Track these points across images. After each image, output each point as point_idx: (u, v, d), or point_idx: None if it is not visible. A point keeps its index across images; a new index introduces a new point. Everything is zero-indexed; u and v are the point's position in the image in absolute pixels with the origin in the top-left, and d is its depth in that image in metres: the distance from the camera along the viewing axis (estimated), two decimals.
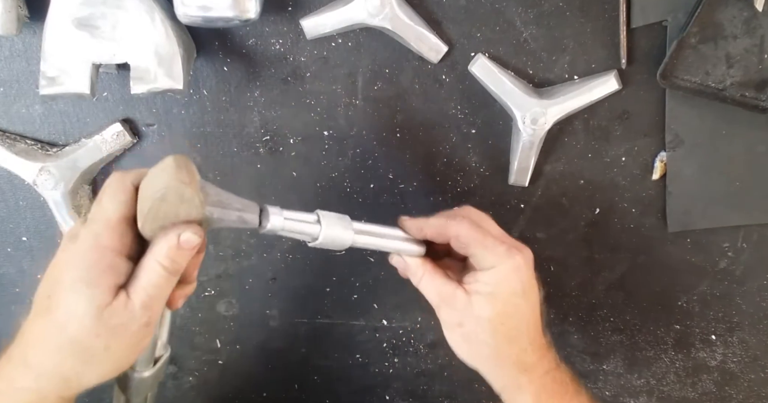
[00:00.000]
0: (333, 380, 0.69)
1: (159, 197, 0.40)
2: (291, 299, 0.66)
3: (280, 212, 0.45)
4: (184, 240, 0.40)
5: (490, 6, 0.55)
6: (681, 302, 0.66)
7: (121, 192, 0.41)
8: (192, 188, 0.40)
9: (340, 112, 0.59)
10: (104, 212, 0.40)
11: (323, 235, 0.46)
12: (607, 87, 0.56)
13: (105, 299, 0.39)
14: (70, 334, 0.39)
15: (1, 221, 0.61)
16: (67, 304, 0.39)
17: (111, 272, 0.40)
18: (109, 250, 0.40)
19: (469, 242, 0.48)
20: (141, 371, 0.50)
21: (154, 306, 0.41)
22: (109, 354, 0.40)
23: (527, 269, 0.48)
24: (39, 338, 0.40)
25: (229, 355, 0.68)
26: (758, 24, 0.51)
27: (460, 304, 0.48)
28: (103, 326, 0.39)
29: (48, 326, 0.40)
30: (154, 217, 0.40)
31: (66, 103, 0.58)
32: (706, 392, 0.70)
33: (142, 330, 0.41)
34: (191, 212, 0.41)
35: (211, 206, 0.42)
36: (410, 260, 0.50)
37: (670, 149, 0.59)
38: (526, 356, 0.48)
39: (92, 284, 0.39)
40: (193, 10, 0.48)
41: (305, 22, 0.54)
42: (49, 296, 0.40)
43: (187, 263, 0.42)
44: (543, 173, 0.61)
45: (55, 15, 0.49)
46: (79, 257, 0.40)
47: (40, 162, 0.57)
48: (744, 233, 0.63)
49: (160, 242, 0.40)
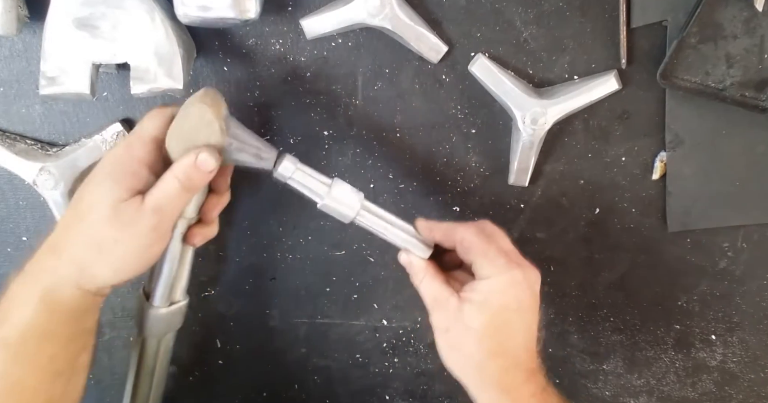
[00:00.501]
0: (333, 380, 0.69)
1: (182, 116, 0.45)
2: (291, 299, 0.66)
3: (297, 162, 0.48)
4: (200, 160, 0.45)
5: (490, 6, 0.55)
6: (681, 302, 0.66)
7: (159, 117, 0.47)
8: (212, 112, 0.44)
9: (340, 112, 0.59)
10: (141, 129, 0.47)
11: (330, 196, 0.48)
12: (607, 87, 0.56)
13: (122, 195, 0.44)
14: (87, 220, 0.44)
15: (1, 221, 0.61)
16: (90, 195, 0.45)
17: (133, 176, 0.45)
18: (136, 159, 0.45)
19: (472, 248, 0.48)
20: (158, 306, 0.52)
21: (164, 213, 0.45)
22: (118, 248, 0.44)
23: (526, 287, 0.48)
24: (65, 225, 0.46)
25: (229, 355, 0.68)
26: (758, 24, 0.51)
27: (451, 309, 0.48)
28: (115, 217, 0.44)
29: (73, 215, 0.45)
30: (178, 136, 0.45)
31: (66, 103, 0.58)
32: (706, 392, 0.70)
33: (149, 234, 0.45)
34: (211, 136, 0.45)
35: (230, 137, 0.46)
36: (415, 260, 0.51)
37: (670, 149, 0.59)
38: (509, 375, 0.47)
39: (114, 181, 0.44)
40: (193, 10, 0.48)
41: (305, 22, 0.54)
42: (80, 192, 0.46)
43: (201, 183, 0.46)
44: (543, 173, 0.61)
45: (55, 15, 0.49)
46: (109, 159, 0.46)
47: (40, 162, 0.57)
48: (744, 233, 0.63)
49: (180, 159, 0.45)
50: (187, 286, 0.55)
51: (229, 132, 0.46)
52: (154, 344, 0.55)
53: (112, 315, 0.65)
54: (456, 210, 0.62)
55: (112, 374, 0.67)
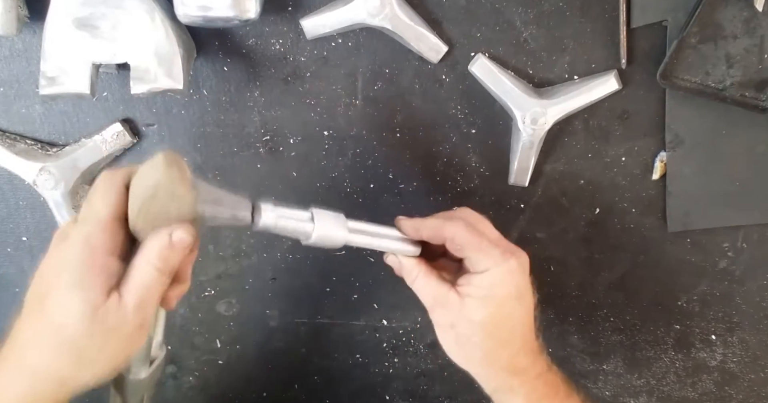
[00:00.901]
0: (333, 380, 0.69)
1: (150, 195, 0.39)
2: (291, 299, 0.66)
3: (274, 209, 0.44)
4: (176, 240, 0.40)
5: (490, 6, 0.55)
6: (681, 302, 0.66)
7: (111, 191, 0.41)
8: (183, 186, 0.39)
9: (340, 112, 0.59)
10: (95, 211, 0.40)
11: (316, 234, 0.45)
12: (607, 87, 0.56)
13: (98, 300, 0.39)
14: (65, 335, 0.39)
15: (1, 221, 0.61)
16: (61, 305, 0.39)
17: (103, 273, 0.39)
18: (100, 251, 0.39)
19: (464, 245, 0.48)
20: (137, 372, 0.49)
21: (147, 307, 0.41)
22: (103, 355, 0.40)
23: (522, 273, 0.48)
24: (33, 339, 0.40)
25: (229, 355, 0.68)
26: (758, 24, 0.51)
27: (453, 306, 0.48)
28: (97, 327, 0.39)
29: (42, 328, 0.40)
30: (145, 216, 0.40)
31: (66, 103, 0.58)
32: (706, 392, 0.70)
33: (136, 332, 0.41)
34: (183, 210, 0.40)
35: (203, 204, 0.41)
36: (405, 260, 0.50)
37: (670, 149, 0.59)
38: (518, 359, 0.48)
39: (85, 286, 0.39)
40: (193, 10, 0.48)
41: (305, 22, 0.54)
42: (41, 298, 0.40)
43: (179, 261, 0.42)
44: (543, 173, 0.61)
45: (55, 15, 0.49)
46: (70, 258, 0.39)
47: (40, 162, 0.57)
48: (744, 233, 0.63)
49: (151, 241, 0.40)
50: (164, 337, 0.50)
51: (200, 199, 0.41)
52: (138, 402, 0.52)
53: None
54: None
55: None
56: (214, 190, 0.43)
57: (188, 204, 0.40)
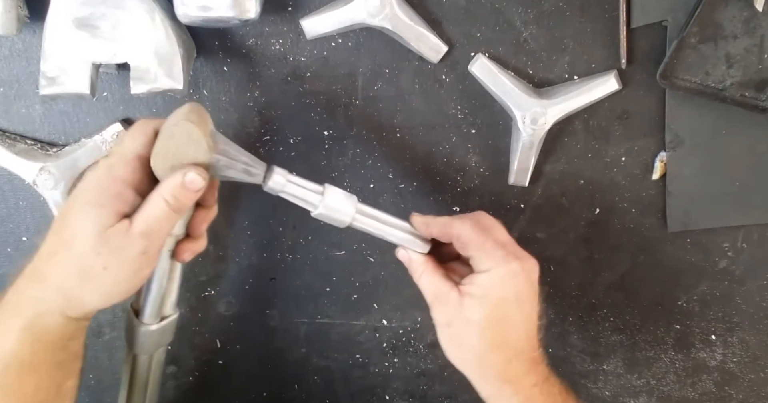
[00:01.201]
0: (333, 380, 0.69)
1: (168, 135, 0.44)
2: (291, 299, 0.66)
3: (286, 174, 0.47)
4: (188, 180, 0.43)
5: (490, 6, 0.55)
6: (681, 302, 0.66)
7: (141, 133, 0.45)
8: (199, 129, 0.43)
9: (340, 112, 0.59)
10: (123, 147, 0.45)
11: (323, 204, 0.48)
12: (607, 87, 0.56)
13: (108, 220, 0.42)
14: (74, 250, 0.42)
15: (1, 221, 0.61)
16: (75, 222, 0.43)
17: (118, 199, 0.43)
18: (120, 180, 0.43)
19: (469, 243, 0.48)
20: (148, 323, 0.51)
21: (153, 237, 0.44)
22: (107, 275, 0.43)
23: (525, 279, 0.48)
24: (48, 253, 0.44)
25: (229, 355, 0.68)
26: (758, 24, 0.51)
27: (452, 304, 0.48)
28: (103, 245, 0.42)
29: (57, 243, 0.43)
30: (164, 155, 0.44)
31: (66, 103, 0.58)
32: (706, 392, 0.70)
33: (139, 258, 0.44)
34: (198, 154, 0.44)
35: (218, 154, 0.44)
36: (414, 255, 0.51)
37: (670, 149, 0.59)
38: (511, 366, 0.48)
39: (98, 206, 0.42)
40: (193, 10, 0.48)
41: (305, 22, 0.54)
42: (62, 217, 0.44)
43: (190, 203, 0.45)
44: (543, 173, 0.61)
45: (55, 15, 0.49)
46: (91, 183, 0.44)
47: (40, 162, 0.57)
48: (744, 233, 0.63)
49: (166, 179, 0.44)
50: (177, 300, 0.54)
51: (217, 149, 0.45)
52: (146, 360, 0.54)
53: (112, 315, 0.65)
54: (456, 210, 0.62)
55: (112, 373, 0.67)
56: (232, 145, 0.46)
57: (203, 149, 0.44)
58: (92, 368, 0.67)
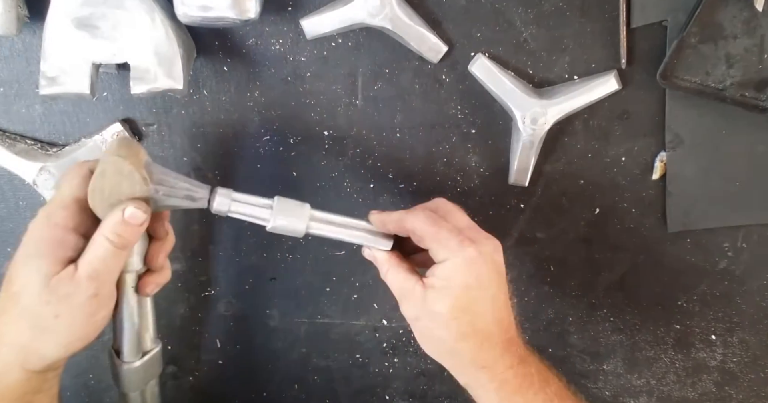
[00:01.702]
0: (333, 380, 0.69)
1: (100, 172, 0.43)
2: (291, 299, 0.66)
3: (231, 193, 0.47)
4: (128, 215, 0.43)
5: (490, 6, 0.55)
6: (681, 302, 0.66)
7: (76, 176, 0.45)
8: (130, 163, 0.43)
9: (340, 112, 0.59)
10: (59, 193, 0.44)
11: (274, 218, 0.48)
12: (607, 87, 0.56)
13: (52, 269, 0.42)
14: (22, 303, 0.42)
15: (1, 221, 0.61)
16: (20, 276, 0.42)
17: (60, 246, 0.43)
18: (59, 226, 0.43)
19: (423, 236, 0.48)
20: (130, 361, 0.51)
21: (101, 278, 0.43)
22: (60, 323, 0.42)
23: (484, 262, 0.46)
24: (0, 311, 0.43)
25: (229, 355, 0.68)
26: (758, 24, 0.51)
27: (417, 298, 0.47)
28: (51, 294, 0.42)
29: (6, 299, 0.43)
30: (100, 193, 0.43)
31: (66, 103, 0.58)
32: (706, 392, 0.70)
33: (90, 301, 0.43)
34: (134, 188, 0.43)
35: (155, 184, 0.44)
36: (377, 254, 0.51)
37: (670, 149, 0.59)
38: (483, 352, 0.47)
39: (41, 256, 0.42)
40: (193, 10, 0.48)
41: (305, 22, 0.54)
42: (8, 273, 0.43)
43: (135, 238, 0.45)
44: (543, 173, 0.61)
45: (55, 15, 0.49)
46: (32, 233, 0.43)
47: (40, 162, 0.57)
48: (744, 233, 0.63)
49: (106, 217, 0.43)
50: (156, 333, 0.53)
51: (153, 179, 0.44)
52: (138, 397, 0.54)
53: None
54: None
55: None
56: (170, 173, 0.46)
57: (138, 182, 0.43)
58: (92, 368, 0.67)
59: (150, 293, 0.50)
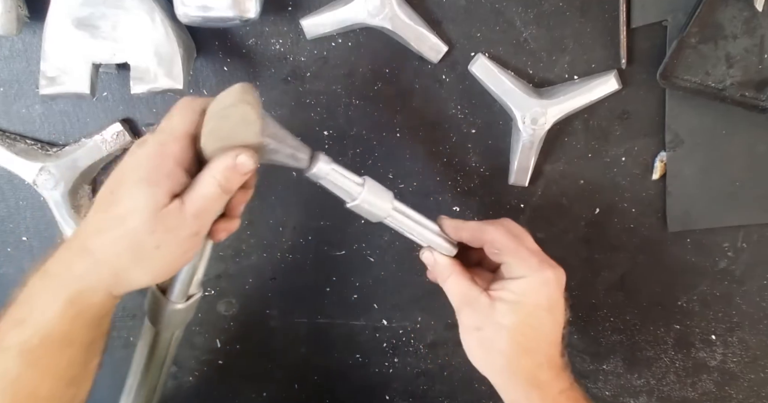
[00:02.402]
0: (333, 380, 0.69)
1: (223, 115, 0.43)
2: (291, 298, 0.66)
3: (330, 161, 0.47)
4: (239, 162, 0.42)
5: (490, 6, 0.55)
6: (681, 302, 0.66)
7: (189, 111, 0.44)
8: (254, 111, 0.42)
9: (340, 112, 0.59)
10: (172, 125, 0.44)
11: (362, 197, 0.47)
12: (607, 87, 0.56)
13: (163, 199, 0.42)
14: (128, 227, 0.41)
15: (1, 221, 0.61)
16: (129, 198, 0.42)
17: (171, 178, 0.42)
18: (171, 158, 0.42)
19: (503, 249, 0.48)
20: (175, 302, 0.51)
21: (204, 217, 0.44)
22: (158, 254, 0.42)
23: (556, 287, 0.48)
24: (99, 229, 0.43)
25: (229, 355, 0.68)
26: (758, 24, 0.51)
27: (482, 308, 0.48)
28: (158, 224, 0.41)
29: (108, 219, 0.42)
30: (216, 135, 0.43)
31: (66, 103, 0.58)
32: (706, 392, 0.70)
33: (190, 238, 0.43)
34: (249, 136, 0.43)
35: (268, 137, 0.44)
36: (440, 258, 0.51)
37: (670, 149, 0.59)
38: (541, 372, 0.48)
39: (153, 184, 0.42)
40: (193, 10, 0.48)
41: (305, 22, 0.54)
42: (112, 192, 0.43)
43: (238, 185, 0.44)
44: (543, 173, 0.61)
45: (55, 15, 0.49)
46: (144, 160, 0.43)
47: (40, 162, 0.57)
48: (744, 233, 0.63)
49: (218, 159, 0.43)
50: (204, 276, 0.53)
51: (267, 132, 0.44)
52: (168, 338, 0.54)
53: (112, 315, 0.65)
54: (456, 210, 0.62)
55: (112, 373, 0.67)
56: (280, 128, 0.45)
57: (255, 131, 0.43)
58: None
59: (220, 239, 0.50)
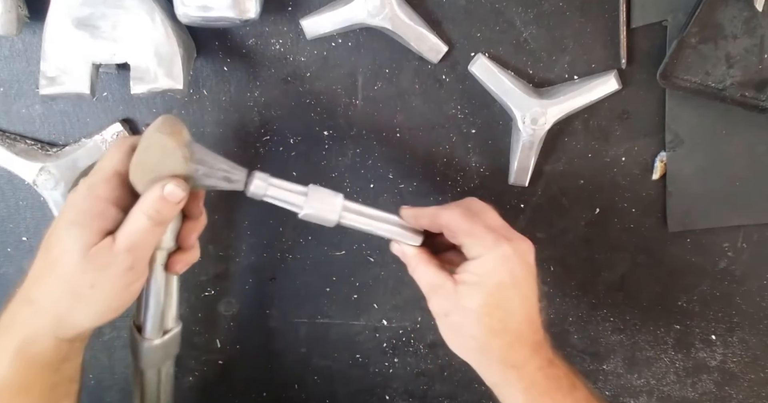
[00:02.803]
0: (333, 380, 0.69)
1: (144, 147, 0.44)
2: (291, 299, 0.66)
3: (267, 178, 0.47)
4: (167, 192, 0.43)
5: (490, 6, 0.55)
6: (681, 302, 0.66)
7: (118, 150, 0.45)
8: (174, 140, 0.43)
9: (340, 112, 0.59)
10: (101, 166, 0.45)
11: (308, 205, 0.48)
12: (607, 87, 0.56)
13: (92, 239, 0.43)
14: (61, 270, 0.43)
15: (1, 221, 0.61)
16: (59, 243, 0.43)
17: (100, 218, 0.43)
18: (101, 198, 0.44)
19: (458, 231, 0.47)
20: (150, 338, 0.51)
21: (138, 251, 0.44)
22: (96, 293, 0.43)
23: (519, 260, 0.47)
24: (37, 276, 0.44)
25: (229, 355, 0.68)
26: (758, 24, 0.51)
27: (447, 293, 0.47)
28: (89, 263, 0.42)
29: (43, 266, 0.44)
30: (142, 168, 0.44)
31: (66, 103, 0.58)
32: (706, 392, 0.70)
33: (126, 274, 0.44)
34: (176, 165, 0.43)
35: (195, 163, 0.44)
36: (407, 249, 0.51)
37: (670, 149, 0.59)
38: (513, 351, 0.47)
39: (81, 226, 0.43)
40: (193, 10, 0.48)
41: (305, 22, 0.54)
42: (47, 239, 0.44)
43: (172, 215, 0.45)
44: (543, 173, 0.61)
45: (55, 15, 0.49)
46: (74, 203, 0.44)
47: (40, 162, 0.57)
48: (744, 233, 0.63)
49: (146, 193, 0.44)
50: (178, 312, 0.53)
51: (194, 158, 0.44)
52: (154, 374, 0.54)
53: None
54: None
55: (112, 374, 0.67)
56: (210, 153, 0.46)
57: (179, 159, 0.43)
58: (92, 368, 0.67)
59: (179, 272, 0.51)
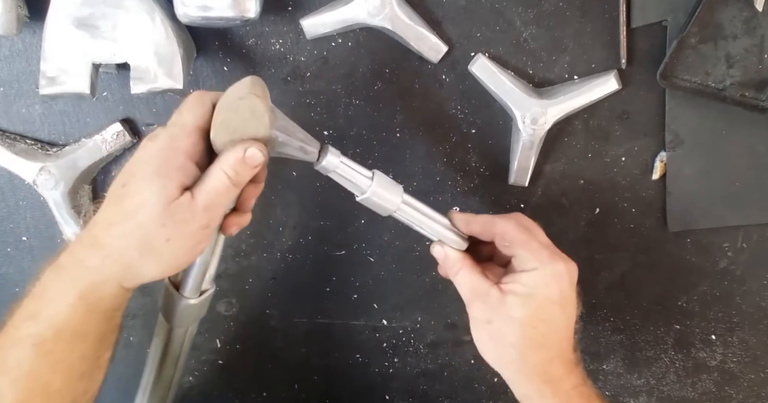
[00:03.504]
0: (333, 380, 0.69)
1: (233, 108, 0.43)
2: (291, 298, 0.66)
3: (339, 154, 0.47)
4: (249, 155, 0.43)
5: (490, 6, 0.55)
6: (681, 302, 0.66)
7: (199, 105, 0.44)
8: (263, 104, 0.43)
9: (340, 112, 0.59)
10: (183, 119, 0.44)
11: (372, 190, 0.48)
12: (607, 87, 0.56)
13: (174, 193, 0.42)
14: (138, 220, 0.42)
15: (1, 221, 0.61)
16: (140, 192, 0.42)
17: (181, 172, 0.43)
18: (182, 152, 0.43)
19: (514, 241, 0.48)
20: (188, 297, 0.51)
21: (214, 210, 0.44)
22: (168, 248, 0.43)
23: (568, 281, 0.48)
24: (110, 222, 0.43)
25: (229, 355, 0.68)
26: (758, 24, 0.51)
27: (492, 301, 0.48)
28: (168, 217, 0.42)
29: (119, 212, 0.43)
30: (226, 128, 0.43)
31: (66, 103, 0.58)
32: (706, 392, 0.70)
33: (200, 231, 0.44)
34: (259, 129, 0.43)
35: (277, 129, 0.44)
36: (451, 252, 0.51)
37: (670, 149, 0.59)
38: (552, 366, 0.47)
39: (164, 177, 0.42)
40: (193, 10, 0.48)
41: (305, 22, 0.54)
42: (123, 186, 0.43)
43: (248, 178, 0.45)
44: (543, 173, 0.61)
45: (55, 15, 0.49)
46: (155, 153, 0.43)
47: (40, 162, 0.57)
48: (744, 233, 0.63)
49: (227, 153, 0.43)
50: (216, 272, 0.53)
51: (276, 124, 0.44)
52: (181, 334, 0.54)
53: None
54: (456, 210, 0.62)
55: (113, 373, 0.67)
56: (289, 121, 0.46)
57: (264, 124, 0.43)
58: None
59: (232, 234, 0.50)
